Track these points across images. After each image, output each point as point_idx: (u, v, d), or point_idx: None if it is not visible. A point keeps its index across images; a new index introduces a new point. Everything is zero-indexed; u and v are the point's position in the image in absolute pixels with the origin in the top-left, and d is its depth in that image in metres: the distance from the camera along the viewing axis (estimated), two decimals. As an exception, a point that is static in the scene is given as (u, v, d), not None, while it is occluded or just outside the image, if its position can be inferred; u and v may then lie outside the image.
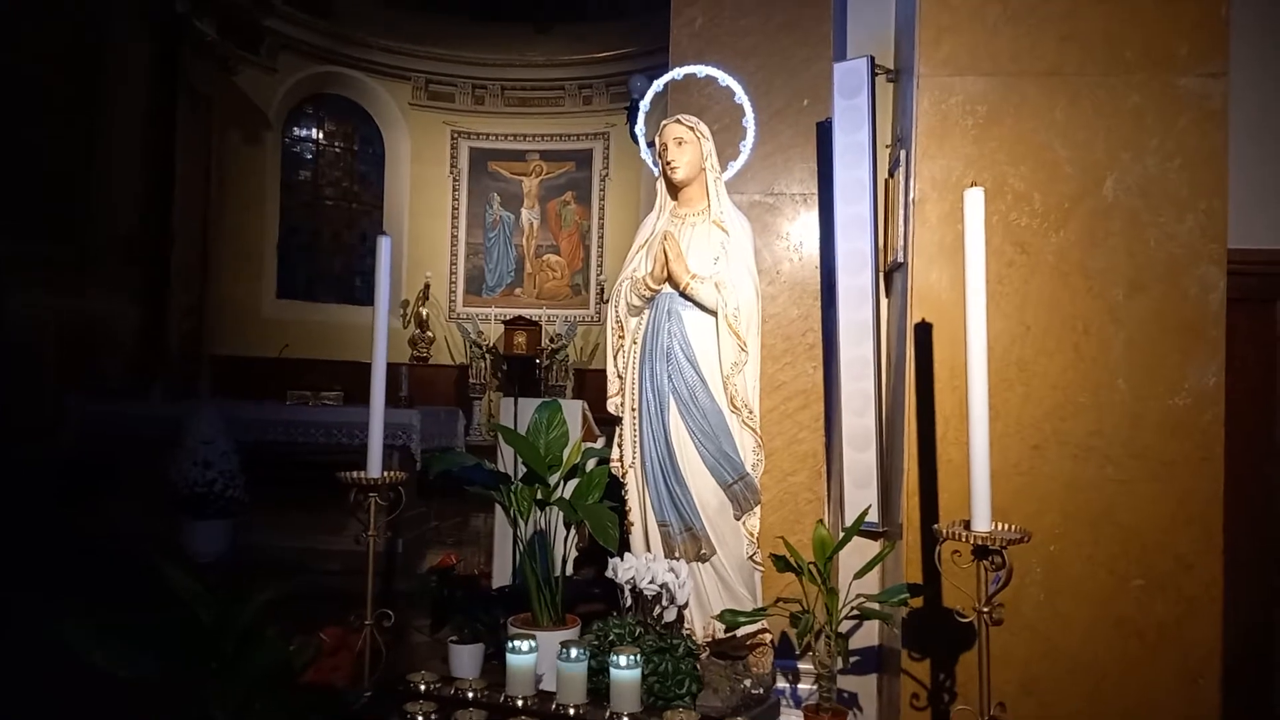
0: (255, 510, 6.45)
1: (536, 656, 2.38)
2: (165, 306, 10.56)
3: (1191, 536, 2.62)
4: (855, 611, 2.53)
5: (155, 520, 6.19)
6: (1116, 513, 2.68)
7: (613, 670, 2.23)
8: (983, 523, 2.16)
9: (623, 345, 2.82)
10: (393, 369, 9.56)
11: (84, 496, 6.66)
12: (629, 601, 2.56)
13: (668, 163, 2.77)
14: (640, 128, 3.09)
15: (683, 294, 2.68)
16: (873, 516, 3.07)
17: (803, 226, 3.46)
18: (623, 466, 2.79)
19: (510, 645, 2.36)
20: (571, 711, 2.22)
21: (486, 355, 13.25)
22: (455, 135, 14.34)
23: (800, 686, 3.16)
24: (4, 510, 6.28)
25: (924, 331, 2.82)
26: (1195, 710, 2.60)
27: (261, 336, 11.55)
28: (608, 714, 2.21)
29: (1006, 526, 2.21)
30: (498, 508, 3.94)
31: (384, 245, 2.89)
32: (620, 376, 2.81)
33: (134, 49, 10.21)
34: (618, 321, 2.84)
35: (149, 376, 9.04)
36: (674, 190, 2.84)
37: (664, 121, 2.82)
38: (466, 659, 2.82)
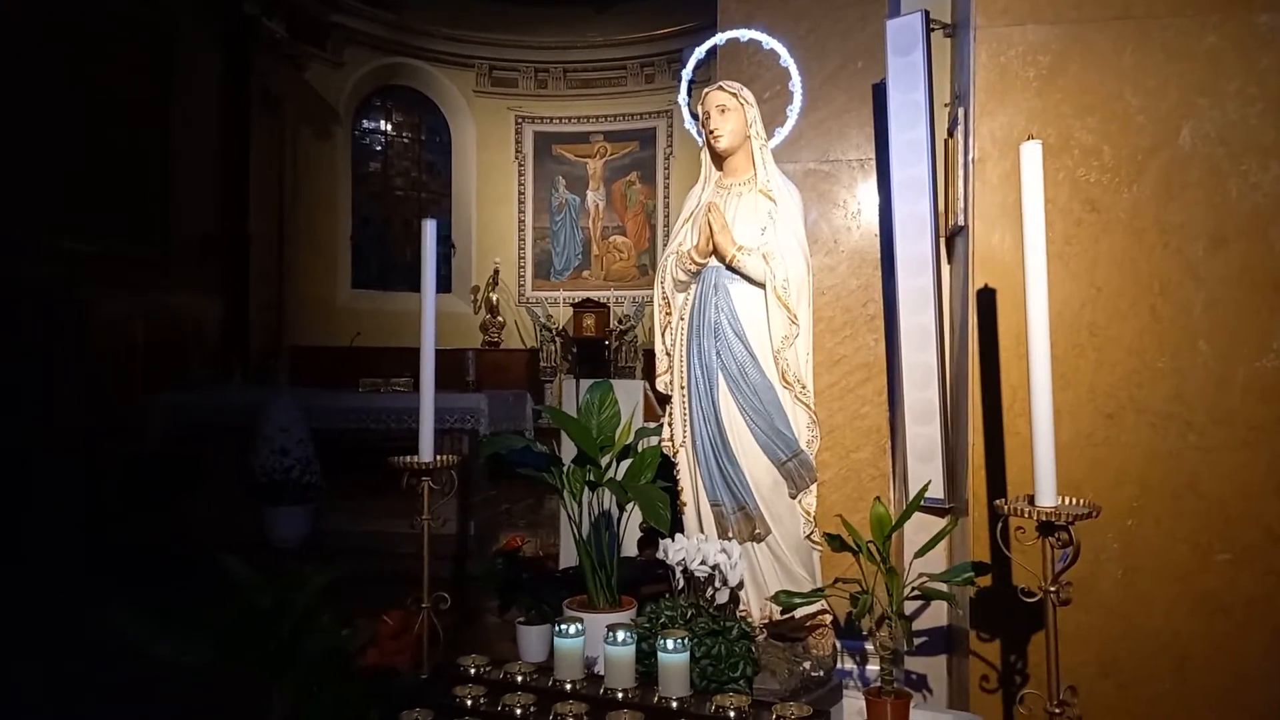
0: (333, 496, 6.59)
1: (585, 639, 2.35)
2: (245, 302, 10.88)
3: (1283, 507, 2.45)
4: (917, 591, 2.43)
5: (239, 509, 6.39)
6: (1199, 483, 2.52)
7: (660, 654, 2.19)
8: (1047, 498, 2.04)
9: (670, 322, 2.76)
10: (460, 354, 9.76)
11: (172, 489, 6.90)
12: (681, 583, 2.51)
13: (710, 131, 2.68)
14: (684, 98, 3.01)
15: (729, 267, 2.60)
16: (938, 492, 2.96)
17: (861, 193, 3.35)
18: (673, 446, 2.74)
19: (558, 629, 2.33)
20: (619, 695, 2.19)
21: (556, 338, 13.32)
22: (519, 120, 14.38)
23: (869, 668, 3.08)
24: (93, 509, 6.55)
25: (987, 297, 2.69)
26: (1290, 691, 2.44)
27: (337, 326, 11.77)
28: (656, 698, 2.17)
29: (1074, 501, 2.09)
30: (567, 490, 3.94)
31: (429, 229, 2.89)
32: (668, 354, 2.75)
33: (206, 51, 10.49)
34: (664, 298, 2.77)
35: (231, 370, 9.34)
36: (719, 160, 2.75)
37: (706, 89, 2.73)
38: (534, 640, 2.82)
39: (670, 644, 2.19)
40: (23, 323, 7.51)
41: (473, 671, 2.38)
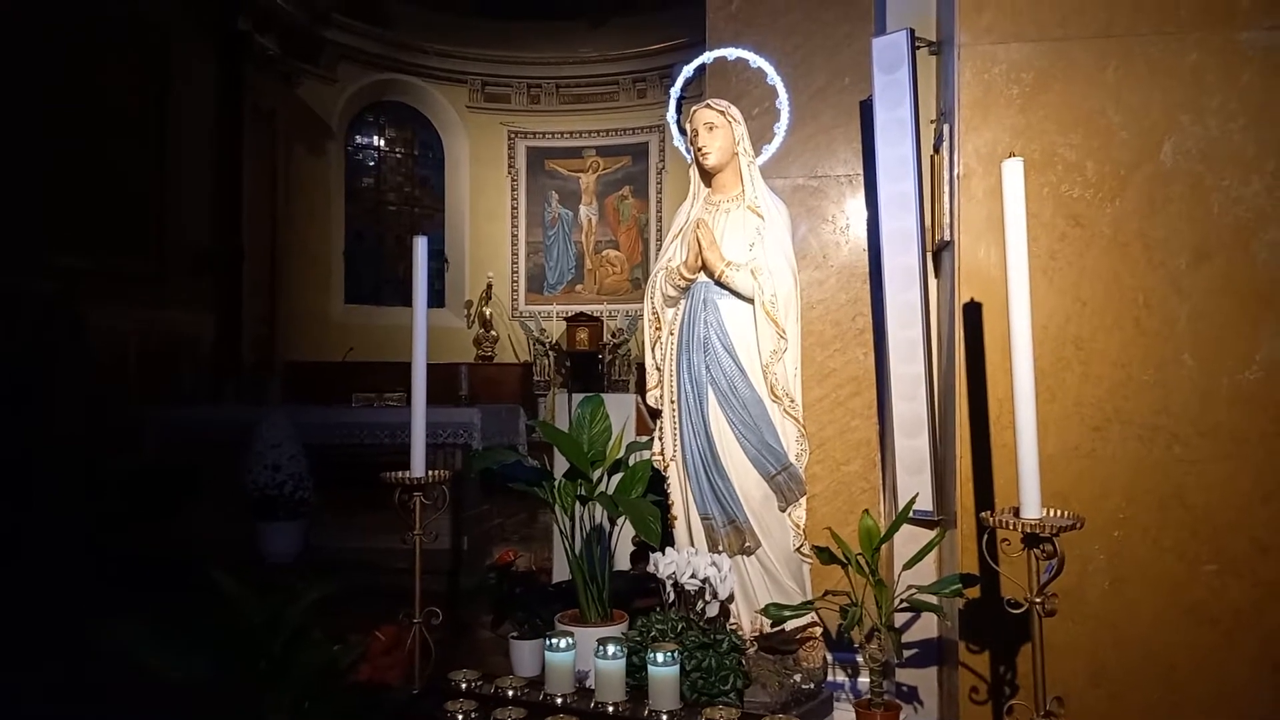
0: (326, 511, 6.57)
1: (575, 653, 2.36)
2: (239, 316, 10.88)
3: (1267, 517, 2.47)
4: (906, 603, 2.44)
5: (234, 525, 6.36)
6: (1186, 494, 2.54)
7: (650, 667, 2.20)
8: (1032, 509, 2.06)
9: (660, 337, 2.78)
10: (453, 368, 9.76)
11: (165, 503, 6.87)
12: (672, 597, 2.52)
13: (699, 148, 2.71)
14: (674, 115, 3.04)
15: (718, 282, 2.63)
16: (927, 505, 2.97)
17: (849, 209, 3.38)
18: (664, 460, 2.75)
19: (549, 643, 2.34)
20: (610, 709, 2.20)
21: (550, 352, 13.32)
22: (512, 135, 14.45)
23: (859, 680, 3.08)
24: (87, 522, 6.53)
25: (973, 311, 2.72)
26: (1277, 699, 2.45)
27: (331, 341, 11.78)
28: (646, 711, 2.18)
29: (1058, 513, 2.10)
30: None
31: (421, 244, 2.90)
32: (658, 369, 2.77)
33: (199, 68, 10.53)
34: (654, 313, 2.79)
35: (224, 385, 9.33)
36: (707, 177, 2.78)
37: (694, 107, 2.76)
38: (527, 654, 2.82)
39: (660, 657, 2.21)
40: (18, 336, 7.51)
41: (464, 686, 2.38)
